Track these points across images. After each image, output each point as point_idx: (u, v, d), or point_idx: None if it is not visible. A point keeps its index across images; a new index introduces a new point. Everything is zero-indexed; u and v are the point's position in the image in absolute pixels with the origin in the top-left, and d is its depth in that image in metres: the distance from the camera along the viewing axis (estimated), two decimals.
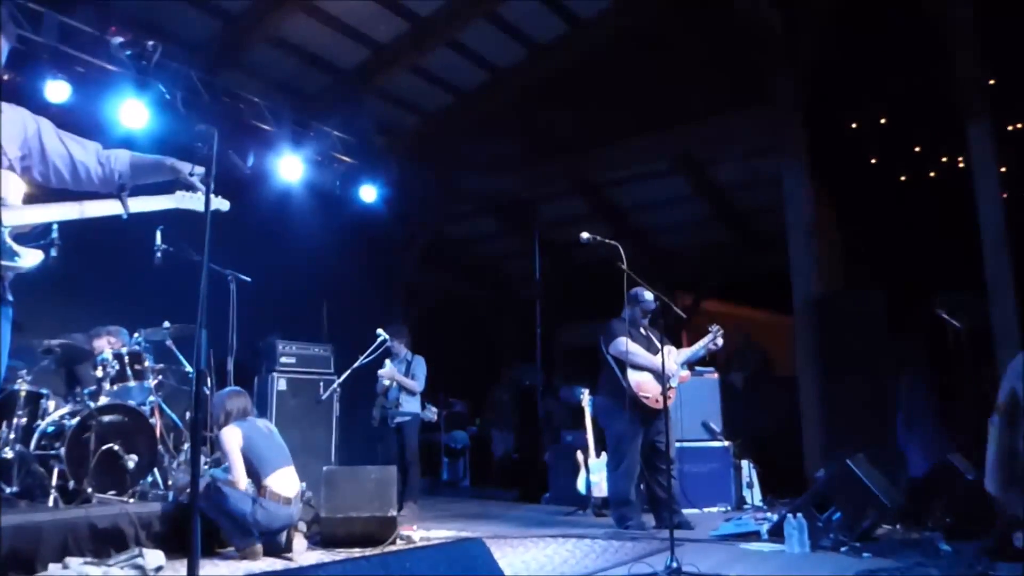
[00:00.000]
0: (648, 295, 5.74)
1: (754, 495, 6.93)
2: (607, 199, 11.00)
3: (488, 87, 9.43)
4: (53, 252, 3.22)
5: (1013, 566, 3.87)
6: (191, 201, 3.00)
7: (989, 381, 6.49)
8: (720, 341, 5.89)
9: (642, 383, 5.60)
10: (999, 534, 4.23)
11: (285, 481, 4.71)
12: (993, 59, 7.16)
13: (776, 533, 4.76)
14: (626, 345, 5.58)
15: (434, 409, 6.94)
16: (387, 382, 6.66)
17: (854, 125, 8.71)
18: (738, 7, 7.78)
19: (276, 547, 4.64)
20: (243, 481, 4.60)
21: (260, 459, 4.70)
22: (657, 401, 5.49)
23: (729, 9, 7.79)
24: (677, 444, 6.17)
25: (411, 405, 6.74)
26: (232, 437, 4.71)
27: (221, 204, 3.07)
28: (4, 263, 2.47)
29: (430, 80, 9.17)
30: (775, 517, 5.09)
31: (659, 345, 5.68)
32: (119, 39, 2.84)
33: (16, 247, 2.51)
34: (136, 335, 5.76)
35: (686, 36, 8.28)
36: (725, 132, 8.91)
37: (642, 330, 5.87)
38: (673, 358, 5.76)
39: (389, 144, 9.59)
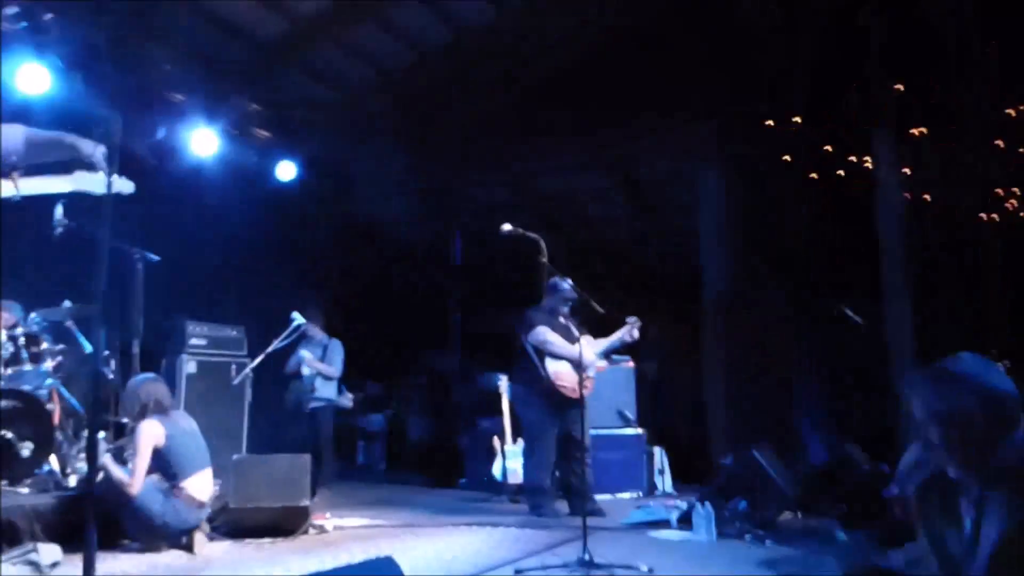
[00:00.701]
0: (566, 284, 5.79)
1: (665, 481, 7.13)
2: (530, 188, 11.02)
3: (413, 67, 9.27)
4: None
5: (899, 553, 4.11)
6: (90, 182, 2.85)
7: (882, 377, 6.88)
8: (636, 333, 6.01)
9: (560, 372, 5.67)
10: (888, 522, 4.48)
11: (202, 484, 4.53)
12: (900, 65, 7.48)
13: (685, 521, 4.92)
14: (544, 335, 5.62)
15: (350, 395, 6.86)
16: (306, 369, 6.53)
17: (769, 123, 8.98)
18: (668, 11, 7.89)
19: (177, 543, 4.47)
20: (138, 486, 4.30)
21: (180, 461, 4.47)
22: (574, 390, 5.57)
23: (656, 12, 7.88)
24: (592, 431, 6.28)
25: (326, 390, 6.65)
26: (148, 434, 4.40)
27: (124, 186, 2.93)
28: None
29: (355, 56, 8.94)
30: (685, 505, 5.26)
31: (577, 335, 5.77)
32: (13, 8, 2.66)
33: None
34: (32, 315, 5.45)
35: (608, 35, 8.34)
36: (647, 130, 9.03)
37: (561, 319, 5.92)
38: (591, 348, 5.84)
39: (308, 120, 9.32)
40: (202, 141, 7.44)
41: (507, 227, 4.68)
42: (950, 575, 1.94)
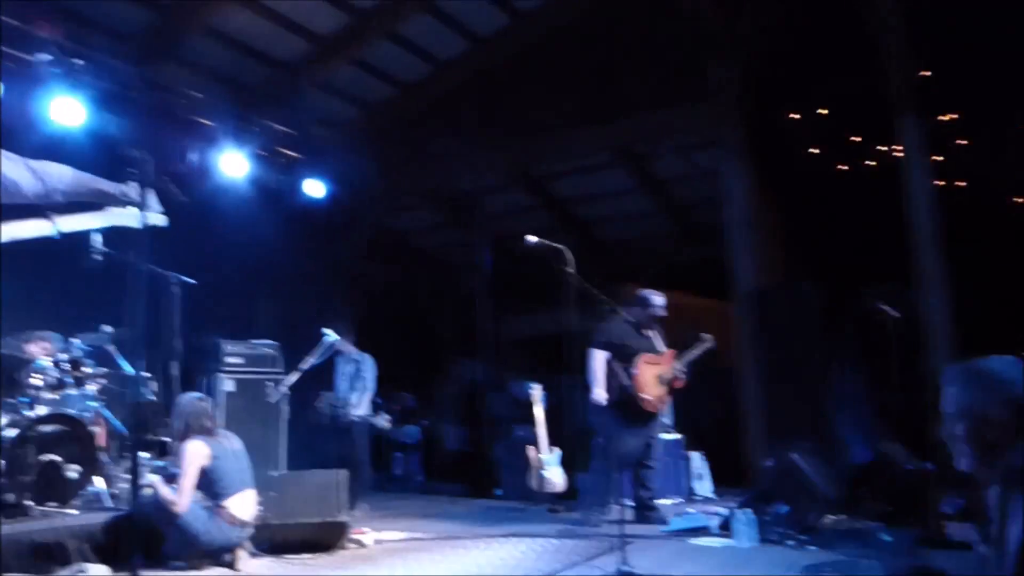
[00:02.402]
0: (657, 299, 5.79)
1: (704, 486, 7.07)
2: (549, 191, 11.03)
3: (430, 80, 9.36)
4: None
5: (947, 554, 4.04)
6: (124, 218, 2.91)
7: (922, 371, 6.75)
8: (712, 346, 6.01)
9: (645, 384, 5.64)
10: (933, 522, 4.42)
11: (245, 504, 4.58)
12: (925, 51, 7.35)
13: (726, 527, 4.87)
14: (593, 359, 5.64)
15: (387, 417, 6.87)
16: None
17: (794, 117, 8.88)
18: (677, 1, 7.86)
19: (220, 561, 4.54)
20: (185, 505, 4.36)
21: (223, 481, 4.51)
22: (654, 404, 5.58)
23: (669, 2, 7.86)
24: None
25: (360, 407, 6.70)
26: (194, 454, 4.46)
27: (158, 220, 2.99)
28: None
29: (372, 72, 9.06)
30: (725, 511, 5.21)
31: (662, 348, 5.79)
32: (46, 57, 2.75)
33: None
34: (74, 340, 5.58)
35: (627, 29, 8.34)
36: (665, 125, 8.98)
37: (647, 331, 5.88)
38: (671, 364, 5.83)
39: (331, 137, 9.44)
40: (231, 164, 7.56)
41: (532, 239, 4.67)
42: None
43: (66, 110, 6.10)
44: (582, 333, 5.75)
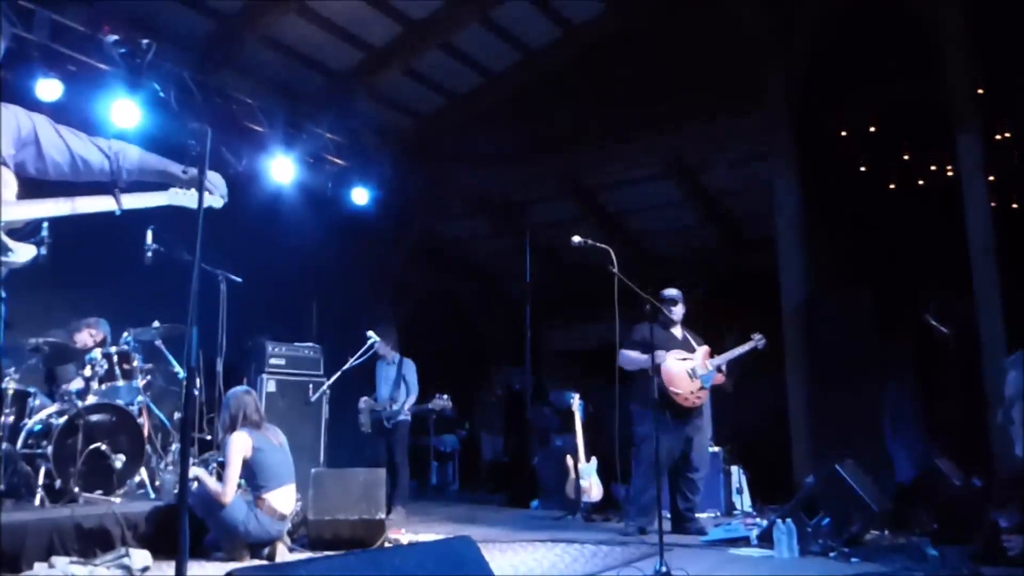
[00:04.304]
0: (669, 291, 5.85)
1: (743, 501, 6.94)
2: (598, 202, 11.00)
3: (481, 90, 9.45)
4: (43, 250, 3.20)
5: (999, 570, 3.90)
6: (184, 198, 2.99)
7: (976, 387, 6.56)
8: (761, 346, 5.91)
9: (674, 378, 5.60)
10: (985, 539, 4.26)
11: (284, 498, 4.64)
12: (983, 68, 7.21)
13: (765, 539, 4.77)
14: (622, 356, 5.64)
15: (445, 396, 6.81)
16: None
17: (844, 132, 8.77)
18: (730, 12, 7.83)
19: (259, 555, 4.59)
20: (230, 495, 4.45)
21: (265, 473, 4.59)
22: (686, 399, 5.52)
23: (721, 14, 7.84)
24: None
25: (406, 408, 6.76)
26: (239, 445, 4.56)
27: (215, 201, 3.06)
28: None
29: (423, 82, 9.18)
30: (764, 523, 5.11)
31: (693, 344, 5.75)
32: (113, 37, 2.85)
33: (9, 242, 2.50)
34: (125, 334, 5.73)
35: (677, 41, 8.32)
36: (716, 137, 8.94)
37: (673, 330, 5.90)
38: (704, 360, 5.78)
39: (381, 146, 9.58)
40: (281, 169, 7.71)
41: (577, 239, 4.66)
42: None
43: (125, 113, 6.30)
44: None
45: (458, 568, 2.39)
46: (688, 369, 5.66)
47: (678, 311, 5.94)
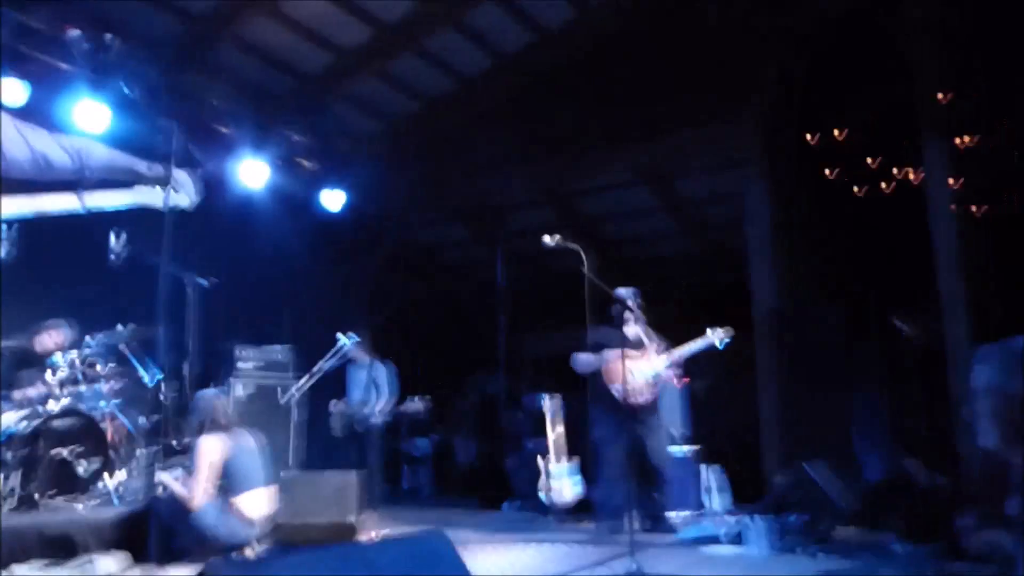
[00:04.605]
0: (623, 292, 5.80)
1: (713, 500, 6.96)
2: (574, 209, 11.04)
3: (455, 95, 9.44)
4: (3, 253, 3.13)
5: (965, 566, 3.95)
6: (151, 196, 2.93)
7: (941, 392, 6.66)
8: (720, 340, 5.83)
9: (614, 376, 5.56)
10: (951, 536, 4.32)
11: (257, 502, 4.56)
12: (949, 75, 7.34)
13: (736, 537, 4.80)
14: (574, 360, 5.69)
15: (417, 399, 6.76)
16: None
17: (813, 140, 8.87)
18: (706, 23, 7.91)
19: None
20: (198, 499, 4.36)
21: (236, 477, 4.51)
22: (627, 398, 5.51)
23: (697, 24, 7.91)
24: None
25: (378, 412, 6.72)
26: (208, 449, 4.46)
27: (182, 200, 3.00)
28: None
29: (396, 86, 9.14)
30: (734, 520, 5.14)
31: (646, 342, 5.73)
32: (76, 32, 2.79)
33: None
34: (87, 338, 5.63)
35: (653, 50, 8.37)
36: (689, 146, 8.99)
37: (626, 328, 5.83)
38: (656, 358, 5.76)
39: (354, 149, 9.53)
40: (250, 172, 7.64)
41: (548, 239, 4.67)
42: None
43: (91, 115, 6.20)
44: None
45: (432, 562, 2.37)
46: (630, 368, 5.65)
47: (628, 307, 5.82)
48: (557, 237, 4.62)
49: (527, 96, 9.06)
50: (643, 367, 5.70)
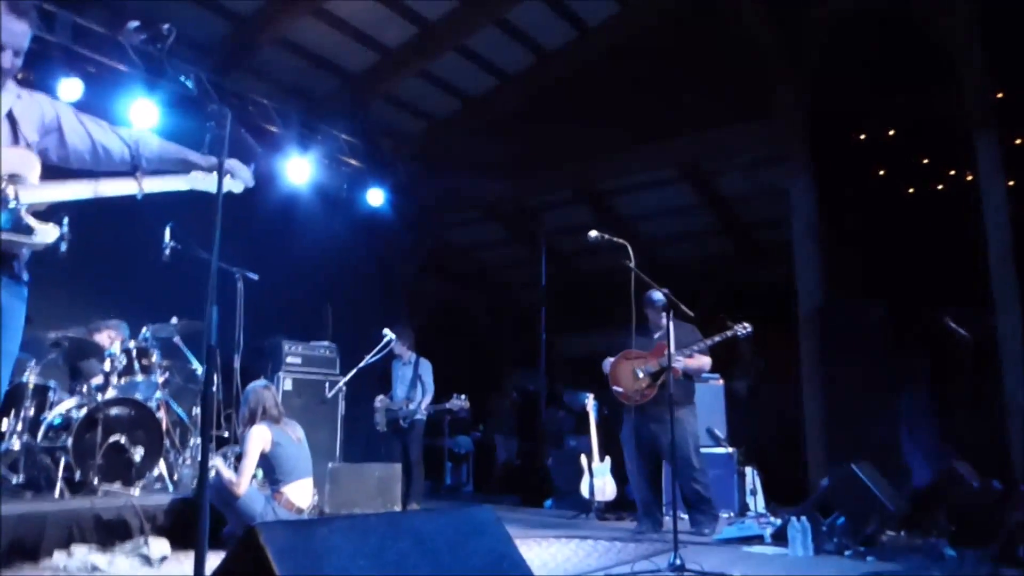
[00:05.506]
0: (656, 294, 5.69)
1: (757, 502, 6.91)
2: (612, 208, 11.00)
3: (495, 93, 9.48)
4: (63, 246, 3.23)
5: (1017, 572, 3.87)
6: (205, 182, 3.00)
7: (992, 395, 6.51)
8: (742, 333, 5.68)
9: (619, 377, 5.64)
10: (1004, 541, 4.22)
11: (302, 492, 4.67)
12: (1000, 72, 7.18)
13: (779, 537, 4.75)
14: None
15: (462, 396, 6.83)
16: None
17: (861, 137, 8.74)
18: (744, 19, 7.83)
19: None
20: (244, 486, 4.47)
21: (283, 467, 4.62)
22: (629, 398, 5.51)
23: (733, 20, 7.84)
24: None
25: (422, 407, 6.79)
26: (258, 438, 4.57)
27: (235, 186, 3.07)
28: (22, 239, 2.49)
29: (438, 85, 9.22)
30: (779, 522, 5.09)
31: (662, 342, 5.66)
32: (135, 23, 2.87)
33: (33, 222, 2.54)
34: (144, 330, 5.78)
35: (692, 46, 8.32)
36: (730, 143, 8.92)
37: (657, 334, 5.77)
38: (656, 357, 5.62)
39: (396, 148, 9.63)
40: (296, 170, 7.77)
41: (594, 233, 4.66)
42: None
43: (144, 113, 6.38)
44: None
45: (477, 533, 2.41)
46: (633, 368, 5.60)
47: (658, 310, 5.63)
48: (604, 235, 4.61)
49: (566, 94, 9.07)
50: (649, 366, 5.64)
